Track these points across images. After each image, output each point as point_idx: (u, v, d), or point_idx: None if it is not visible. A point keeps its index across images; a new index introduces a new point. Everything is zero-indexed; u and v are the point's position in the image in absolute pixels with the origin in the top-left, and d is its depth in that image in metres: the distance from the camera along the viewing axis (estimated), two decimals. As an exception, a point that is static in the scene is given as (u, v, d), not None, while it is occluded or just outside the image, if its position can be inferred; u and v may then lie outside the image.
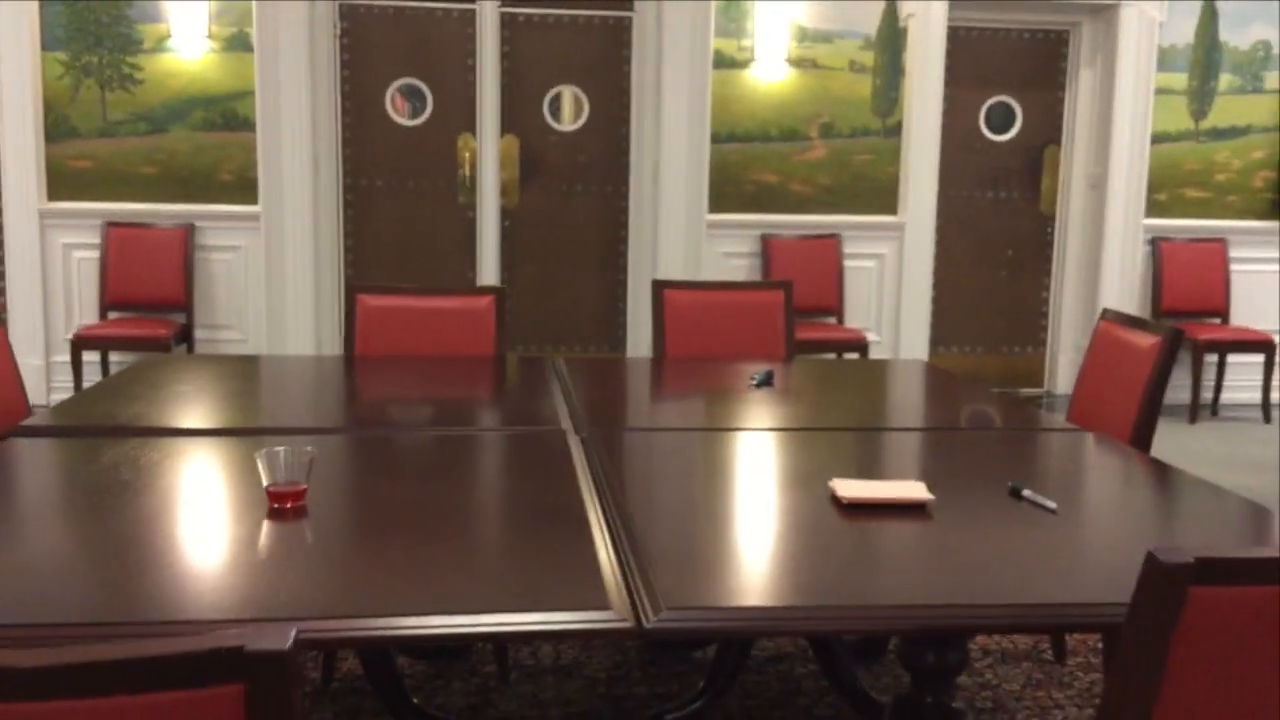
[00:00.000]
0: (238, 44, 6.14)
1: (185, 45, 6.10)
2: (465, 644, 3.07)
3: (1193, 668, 1.45)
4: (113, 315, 6.15)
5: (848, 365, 4.80)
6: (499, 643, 2.95)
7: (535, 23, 6.50)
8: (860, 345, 6.21)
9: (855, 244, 6.66)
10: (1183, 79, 6.79)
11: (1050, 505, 2.16)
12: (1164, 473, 2.53)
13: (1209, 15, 6.75)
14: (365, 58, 6.42)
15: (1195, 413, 6.57)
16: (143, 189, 6.20)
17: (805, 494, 2.25)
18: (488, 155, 6.52)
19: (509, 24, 6.48)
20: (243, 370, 3.55)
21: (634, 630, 1.61)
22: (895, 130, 6.64)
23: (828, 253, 6.58)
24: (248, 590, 1.69)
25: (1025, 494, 2.22)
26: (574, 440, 2.65)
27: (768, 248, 6.50)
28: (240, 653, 0.99)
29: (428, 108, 6.50)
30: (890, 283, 6.75)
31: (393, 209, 6.56)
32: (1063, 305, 7.14)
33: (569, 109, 6.61)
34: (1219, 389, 6.87)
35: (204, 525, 1.98)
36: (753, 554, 1.94)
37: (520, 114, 6.55)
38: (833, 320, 6.55)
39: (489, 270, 6.58)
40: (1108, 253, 6.81)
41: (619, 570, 1.79)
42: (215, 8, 6.10)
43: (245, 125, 6.19)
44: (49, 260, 6.18)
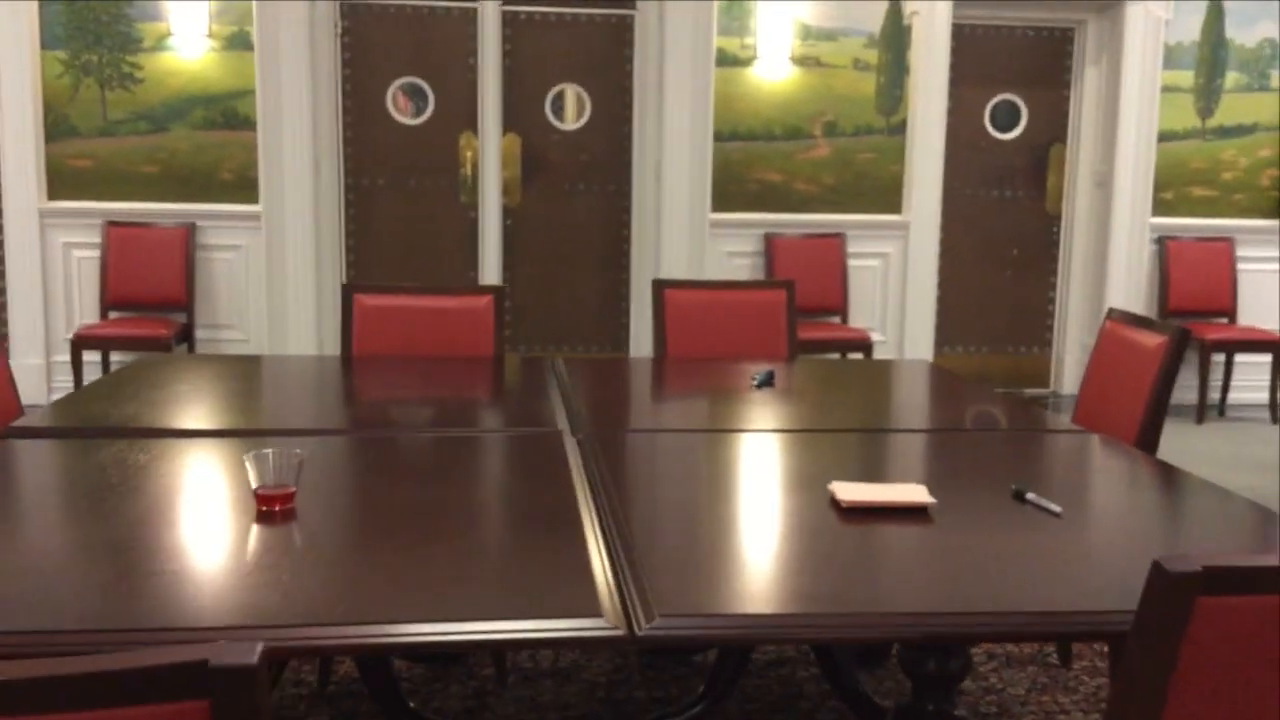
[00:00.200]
0: (238, 42, 6.11)
1: (185, 44, 6.08)
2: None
3: (1200, 679, 1.41)
4: (113, 315, 6.13)
5: (850, 365, 4.76)
6: (486, 650, 2.91)
7: (537, 21, 6.47)
8: (864, 345, 6.17)
9: (859, 243, 6.62)
10: (1189, 77, 6.74)
11: (1054, 509, 2.12)
12: (1170, 476, 2.49)
13: (1215, 13, 6.70)
14: (366, 56, 6.39)
15: (1202, 413, 6.52)
16: (143, 188, 6.18)
17: (804, 497, 2.21)
18: (490, 154, 6.49)
19: (511, 22, 6.44)
20: (237, 370, 3.52)
21: (625, 638, 1.57)
22: (899, 129, 6.59)
23: (832, 252, 6.54)
24: (231, 597, 1.65)
25: (1029, 497, 2.18)
26: (571, 442, 2.61)
27: (771, 247, 6.46)
28: (204, 667, 0.95)
29: (429, 106, 6.47)
30: (895, 282, 6.71)
31: (394, 208, 6.53)
32: (1069, 305, 7.09)
33: (571, 108, 6.57)
34: (1226, 389, 6.82)
35: (190, 529, 1.94)
36: (749, 559, 1.90)
37: (522, 113, 6.52)
38: (837, 320, 6.51)
39: (491, 269, 6.55)
40: (1114, 252, 6.76)
41: (612, 576, 1.75)
42: (215, 6, 6.07)
43: (246, 124, 6.16)
44: (49, 260, 6.16)
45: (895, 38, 6.52)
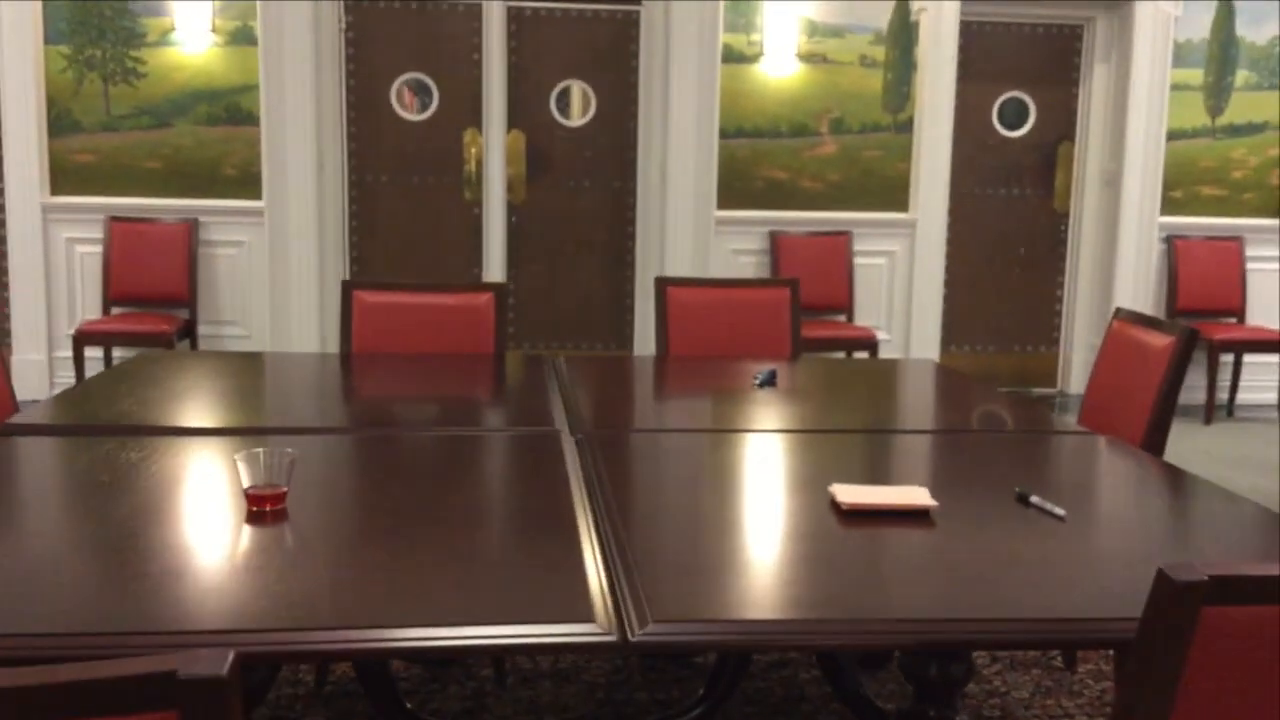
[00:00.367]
0: (242, 38, 6.08)
1: (189, 39, 6.05)
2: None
3: (1206, 688, 1.38)
4: (116, 311, 6.11)
5: (853, 365, 4.72)
6: (477, 654, 2.89)
7: (542, 17, 6.43)
8: (870, 344, 6.13)
9: (865, 241, 6.58)
10: (1199, 75, 6.69)
11: (1059, 512, 2.09)
12: (1177, 478, 2.45)
13: (1225, 10, 6.64)
14: (371, 52, 6.36)
15: (1210, 413, 6.47)
16: (146, 184, 6.16)
17: (804, 499, 2.17)
18: (494, 151, 6.45)
19: (516, 18, 6.41)
20: (234, 367, 3.49)
21: (618, 644, 1.54)
22: (906, 126, 6.55)
23: (838, 250, 6.50)
24: (214, 600, 1.62)
25: (1033, 500, 2.14)
26: (569, 441, 2.58)
27: (777, 244, 6.42)
28: (173, 678, 0.92)
29: (434, 102, 6.44)
30: (901, 280, 6.67)
31: (398, 204, 6.51)
32: (1076, 304, 7.04)
33: (576, 104, 6.54)
34: (1234, 389, 6.77)
35: (178, 530, 1.91)
36: (747, 563, 1.87)
37: (527, 109, 6.49)
38: (843, 318, 6.48)
39: (495, 267, 6.52)
40: (1122, 251, 6.72)
41: (606, 580, 1.72)
42: (219, 2, 6.05)
43: (249, 120, 6.14)
44: (52, 255, 6.14)
45: (902, 34, 6.48)
